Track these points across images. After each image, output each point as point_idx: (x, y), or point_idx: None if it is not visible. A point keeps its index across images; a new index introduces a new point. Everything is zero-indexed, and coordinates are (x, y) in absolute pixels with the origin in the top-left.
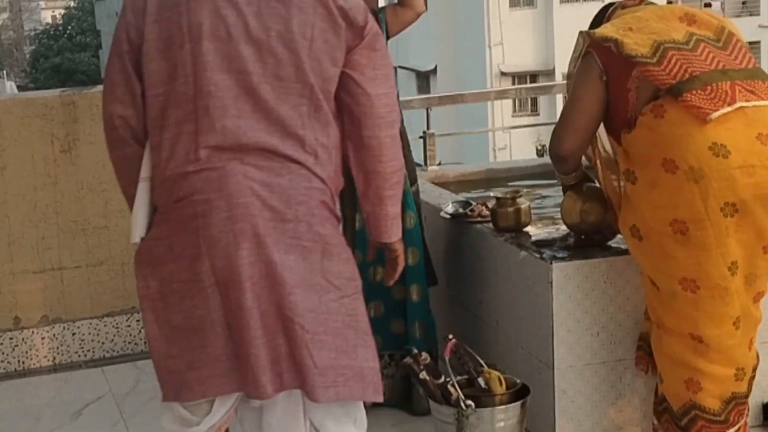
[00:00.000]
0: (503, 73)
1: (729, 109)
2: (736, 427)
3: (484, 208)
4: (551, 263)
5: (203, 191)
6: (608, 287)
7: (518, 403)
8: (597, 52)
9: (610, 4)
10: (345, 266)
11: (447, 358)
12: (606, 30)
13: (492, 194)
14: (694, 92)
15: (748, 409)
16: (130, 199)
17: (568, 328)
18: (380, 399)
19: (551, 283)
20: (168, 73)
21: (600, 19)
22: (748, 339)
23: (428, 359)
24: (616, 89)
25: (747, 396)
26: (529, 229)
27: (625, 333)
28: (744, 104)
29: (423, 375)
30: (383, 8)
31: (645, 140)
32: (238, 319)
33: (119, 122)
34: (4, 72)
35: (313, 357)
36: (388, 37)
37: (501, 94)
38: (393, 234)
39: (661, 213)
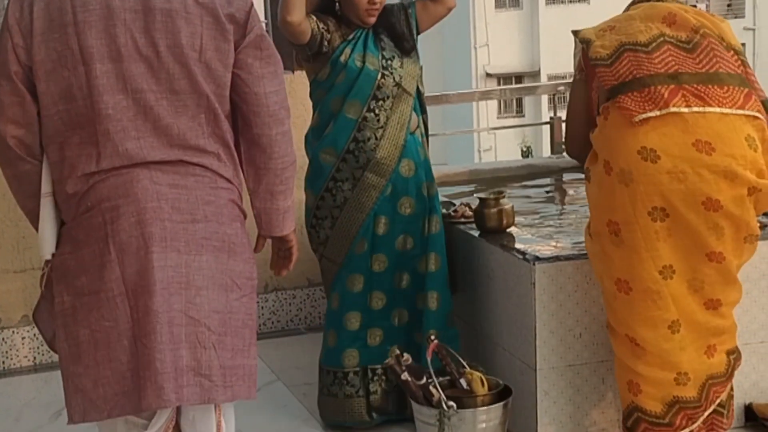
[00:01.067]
0: (489, 75)
1: (657, 113)
2: (687, 430)
3: (467, 208)
4: (534, 264)
5: (110, 198)
6: (591, 288)
7: (500, 404)
8: (582, 50)
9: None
10: (245, 265)
11: (429, 359)
12: (588, 30)
13: (475, 195)
14: (630, 94)
15: (732, 413)
16: (30, 214)
17: (551, 330)
18: (255, 397)
19: (534, 284)
20: (62, 94)
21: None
22: (699, 345)
23: (410, 360)
24: (589, 88)
25: (699, 401)
26: (512, 230)
27: (608, 335)
28: (680, 110)
29: (405, 376)
30: (413, 3)
31: (595, 141)
32: (144, 325)
33: (13, 142)
34: None
35: (219, 358)
36: (418, 32)
37: (486, 95)
38: (285, 227)
39: (601, 213)
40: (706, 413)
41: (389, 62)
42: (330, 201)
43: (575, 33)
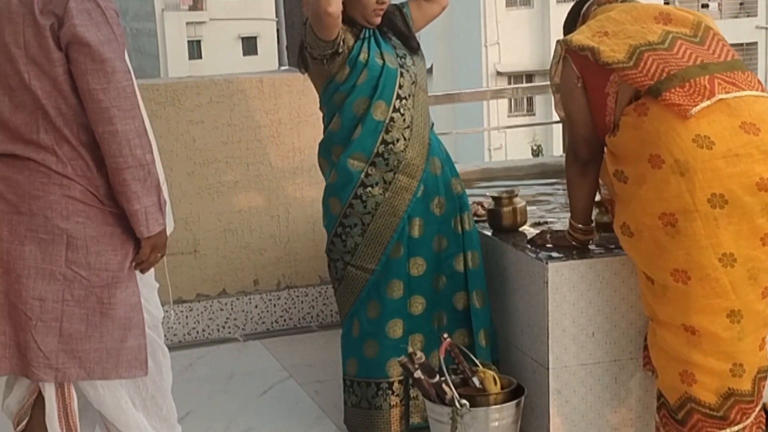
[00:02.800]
0: (499, 73)
1: (708, 102)
2: (740, 426)
3: (479, 207)
4: (547, 263)
5: None
6: (604, 287)
7: (513, 402)
8: (573, 58)
9: (584, 1)
10: (97, 258)
11: (442, 357)
12: (582, 37)
13: (488, 194)
14: (673, 90)
15: (765, 414)
16: None
17: (563, 329)
18: (142, 374)
19: (546, 283)
20: None
21: (574, 16)
22: (754, 337)
23: (423, 358)
24: (594, 94)
25: (752, 395)
26: (525, 228)
27: (621, 333)
28: (724, 96)
29: (418, 374)
30: (407, 3)
31: (630, 139)
32: None
33: None
34: None
35: (37, 342)
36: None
37: (497, 94)
38: (143, 230)
39: (650, 207)
40: (757, 409)
41: (403, 60)
42: (360, 207)
43: (565, 42)
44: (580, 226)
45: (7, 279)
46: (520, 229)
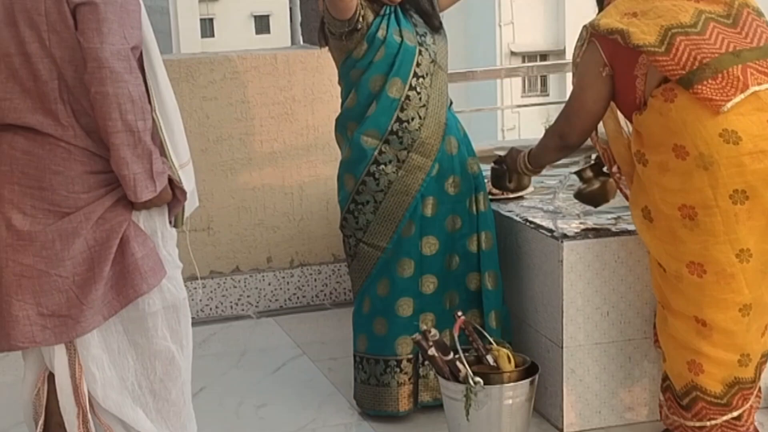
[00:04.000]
0: (513, 53)
1: (742, 96)
2: (740, 410)
3: (490, 185)
4: (562, 241)
5: None
6: (619, 266)
7: (527, 381)
8: (601, 43)
9: None
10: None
11: (456, 335)
12: (610, 20)
13: (496, 152)
14: (705, 83)
15: (760, 394)
16: None
17: (578, 307)
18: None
19: (561, 261)
20: None
21: None
22: (758, 325)
23: (437, 335)
24: (624, 78)
25: (753, 381)
26: (536, 203)
27: (635, 312)
28: (757, 88)
29: (432, 351)
30: None
31: (655, 124)
32: None
33: None
34: None
35: (79, 297)
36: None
37: (512, 72)
38: (131, 195)
39: (671, 197)
40: (755, 392)
41: (423, 38)
42: (372, 185)
43: (591, 26)
44: (530, 168)
45: (32, 250)
46: (523, 192)
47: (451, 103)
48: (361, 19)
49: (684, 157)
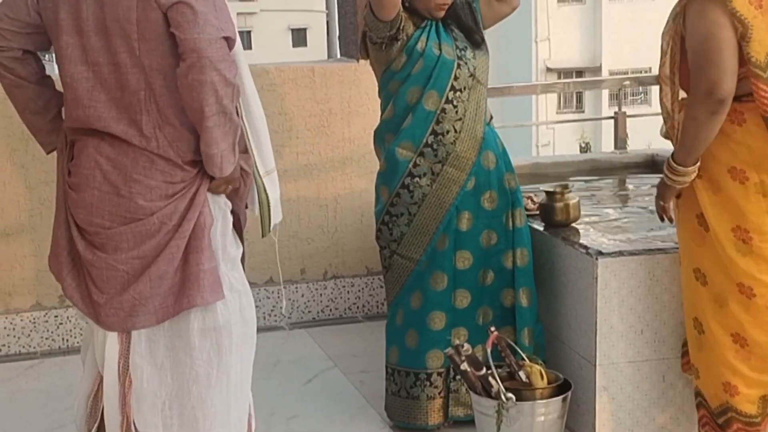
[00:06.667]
0: (549, 69)
1: None
2: None
3: (529, 201)
4: (596, 259)
5: (75, 159)
6: (654, 285)
7: (559, 398)
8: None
9: None
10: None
11: (488, 350)
12: (740, 2)
13: (541, 188)
14: None
15: None
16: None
17: (612, 325)
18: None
19: (596, 278)
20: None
21: None
22: None
23: (470, 350)
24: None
25: None
26: (577, 225)
27: (670, 331)
28: None
29: (464, 366)
30: None
31: (717, 141)
32: None
33: None
34: None
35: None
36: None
37: (548, 88)
38: (216, 171)
39: (725, 216)
40: None
41: (463, 52)
42: (407, 197)
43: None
44: (682, 168)
45: (109, 252)
46: (573, 224)
47: (491, 118)
48: (401, 29)
49: (743, 182)
